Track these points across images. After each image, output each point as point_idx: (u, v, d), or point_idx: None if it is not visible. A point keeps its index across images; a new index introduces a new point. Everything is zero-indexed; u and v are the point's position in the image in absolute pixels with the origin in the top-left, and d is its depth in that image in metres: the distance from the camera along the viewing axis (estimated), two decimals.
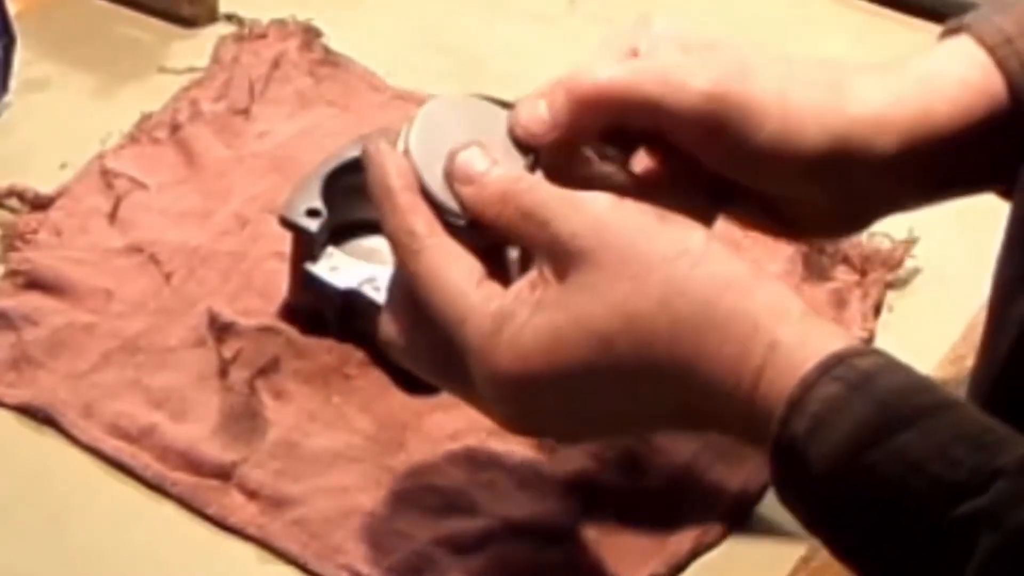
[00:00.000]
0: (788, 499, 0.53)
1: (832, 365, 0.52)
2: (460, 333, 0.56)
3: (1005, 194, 0.62)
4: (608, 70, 0.58)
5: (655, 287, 0.54)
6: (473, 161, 0.58)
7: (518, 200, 0.56)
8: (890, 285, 0.78)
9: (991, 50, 0.61)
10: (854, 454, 0.50)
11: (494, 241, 0.58)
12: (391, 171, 0.58)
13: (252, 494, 0.68)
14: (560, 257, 0.55)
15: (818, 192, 0.61)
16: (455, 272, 0.56)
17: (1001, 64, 0.60)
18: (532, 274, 0.56)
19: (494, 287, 0.56)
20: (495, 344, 0.55)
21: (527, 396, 0.56)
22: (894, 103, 0.60)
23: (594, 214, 0.55)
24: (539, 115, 0.59)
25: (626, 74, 0.58)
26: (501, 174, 0.57)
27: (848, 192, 0.61)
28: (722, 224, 0.80)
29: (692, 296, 0.54)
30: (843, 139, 0.59)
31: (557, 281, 0.55)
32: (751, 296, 0.54)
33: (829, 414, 0.51)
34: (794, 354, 0.53)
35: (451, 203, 0.58)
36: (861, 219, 0.64)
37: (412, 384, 0.70)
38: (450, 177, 0.58)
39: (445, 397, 0.66)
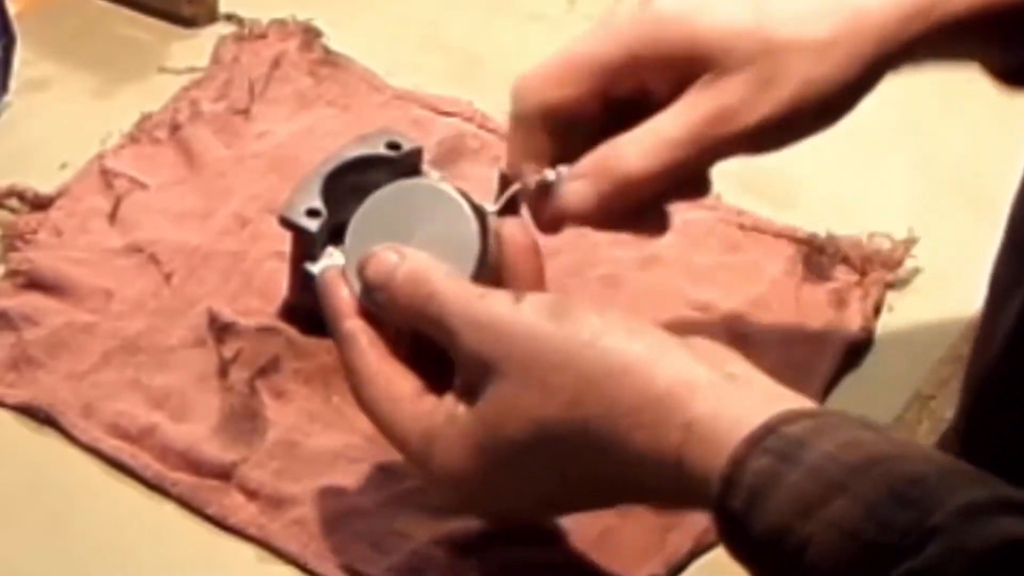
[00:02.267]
0: (737, 558, 0.53)
1: (761, 437, 0.51)
2: (404, 453, 0.61)
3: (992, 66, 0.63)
4: (650, 154, 0.61)
5: (561, 390, 0.55)
6: (380, 266, 0.60)
7: (424, 310, 0.59)
8: (890, 285, 0.78)
9: None
10: (791, 528, 0.50)
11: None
12: (335, 302, 0.62)
13: (252, 494, 0.68)
14: (470, 368, 0.58)
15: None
16: (385, 403, 0.60)
17: None
18: (457, 382, 0.58)
19: (424, 404, 0.60)
20: (428, 464, 0.59)
21: (473, 500, 0.61)
22: (906, 17, 0.61)
23: (493, 323, 0.57)
24: (587, 199, 0.62)
25: (668, 155, 0.60)
26: (404, 280, 0.60)
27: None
28: (722, 225, 0.80)
29: (598, 392, 0.55)
30: (865, 64, 0.60)
31: (471, 394, 0.58)
32: (653, 378, 0.54)
33: (763, 488, 0.50)
34: (712, 429, 0.53)
35: None
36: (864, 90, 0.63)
37: None
38: (364, 287, 0.61)
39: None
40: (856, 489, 0.50)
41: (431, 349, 0.60)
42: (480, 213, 0.61)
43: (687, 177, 0.62)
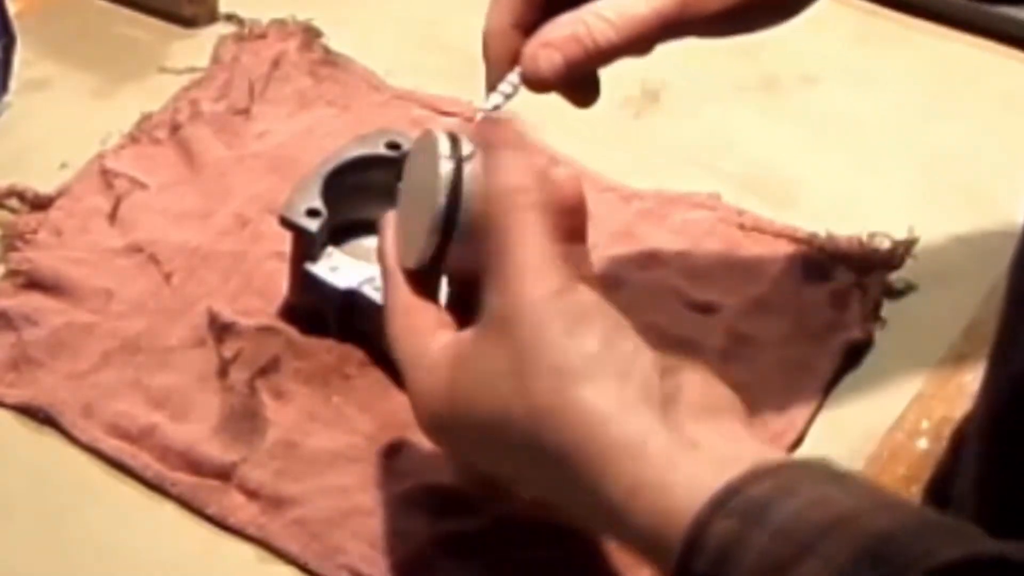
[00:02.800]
0: None
1: (725, 499, 0.51)
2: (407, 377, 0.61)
3: None
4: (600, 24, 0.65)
5: (535, 394, 0.55)
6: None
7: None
8: (890, 285, 0.78)
9: None
10: None
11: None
12: (384, 244, 0.63)
13: (252, 494, 0.68)
14: (488, 317, 0.58)
15: None
16: (406, 331, 0.61)
17: None
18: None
19: (441, 335, 0.60)
20: (414, 382, 0.60)
21: (441, 436, 0.61)
22: None
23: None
24: (556, 65, 0.65)
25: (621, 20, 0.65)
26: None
27: None
28: (722, 225, 0.80)
29: (561, 419, 0.55)
30: None
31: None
32: (607, 430, 0.54)
33: (730, 550, 0.50)
34: (661, 496, 0.52)
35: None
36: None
37: None
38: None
39: None
40: (825, 550, 0.49)
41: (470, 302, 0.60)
42: (458, 160, 0.61)
43: (641, 52, 0.66)
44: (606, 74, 0.68)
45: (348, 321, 0.72)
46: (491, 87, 0.67)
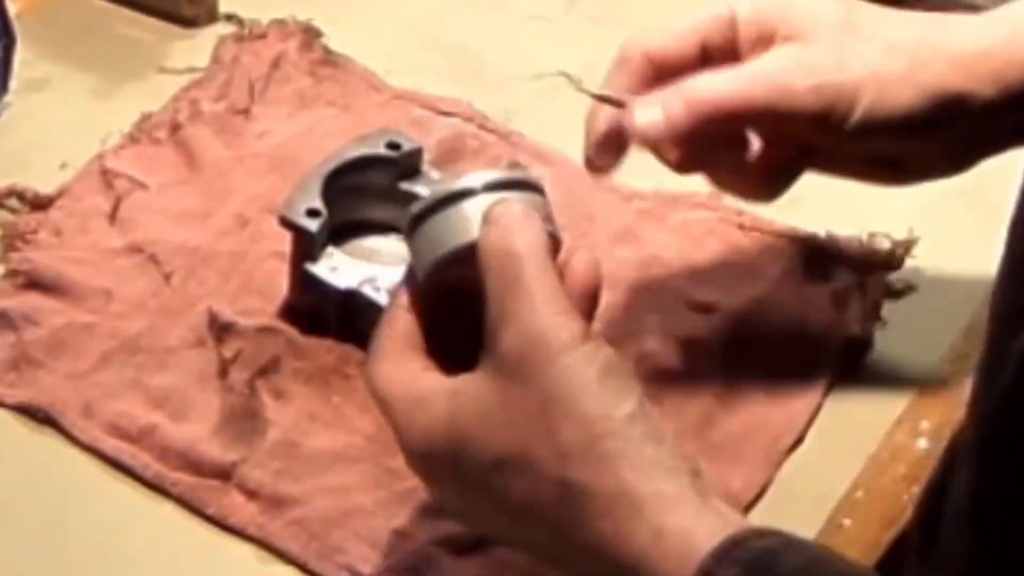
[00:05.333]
0: None
1: (729, 549, 0.52)
2: (387, 412, 0.60)
3: None
4: (723, 83, 0.64)
5: (558, 443, 0.55)
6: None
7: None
8: (890, 285, 0.79)
9: None
10: None
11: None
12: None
13: (252, 494, 0.68)
14: (502, 362, 0.57)
15: (922, 144, 0.66)
16: (392, 364, 0.60)
17: None
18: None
19: (428, 376, 0.59)
20: (407, 429, 0.59)
21: (431, 482, 0.61)
22: (986, 50, 0.65)
23: (549, 344, 0.56)
24: (656, 122, 0.64)
25: (740, 87, 0.64)
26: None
27: (951, 140, 0.66)
28: (722, 225, 0.81)
29: (583, 467, 0.55)
30: (937, 94, 0.64)
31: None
32: (639, 477, 0.55)
33: None
34: (680, 542, 0.54)
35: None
36: (966, 161, 0.68)
37: None
38: None
39: None
40: None
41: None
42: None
43: (752, 119, 0.66)
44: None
45: (348, 321, 0.72)
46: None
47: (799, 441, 0.73)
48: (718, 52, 0.66)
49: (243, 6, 0.91)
